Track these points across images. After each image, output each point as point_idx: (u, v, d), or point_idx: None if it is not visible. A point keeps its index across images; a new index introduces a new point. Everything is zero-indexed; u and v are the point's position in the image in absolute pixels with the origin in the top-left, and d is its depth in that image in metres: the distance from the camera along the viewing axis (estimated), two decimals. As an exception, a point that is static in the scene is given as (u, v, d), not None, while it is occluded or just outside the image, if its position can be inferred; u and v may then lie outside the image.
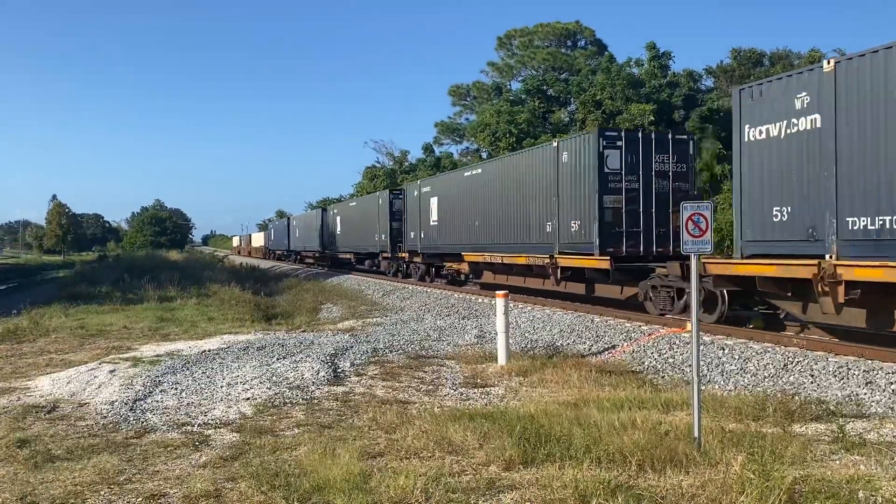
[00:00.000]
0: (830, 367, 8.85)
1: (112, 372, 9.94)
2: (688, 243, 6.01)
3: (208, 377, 9.48)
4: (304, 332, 14.59)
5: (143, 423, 7.35)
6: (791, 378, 8.83)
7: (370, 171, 65.30)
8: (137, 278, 27.10)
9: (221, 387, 8.93)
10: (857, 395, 7.93)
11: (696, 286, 6.12)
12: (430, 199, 25.49)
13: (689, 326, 10.93)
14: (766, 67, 41.96)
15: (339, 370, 10.05)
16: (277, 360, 10.67)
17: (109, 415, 7.68)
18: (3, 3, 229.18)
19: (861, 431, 6.49)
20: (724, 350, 10.26)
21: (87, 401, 8.45)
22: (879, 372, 8.37)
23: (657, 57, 44.14)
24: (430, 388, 9.09)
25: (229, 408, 7.92)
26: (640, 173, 15.47)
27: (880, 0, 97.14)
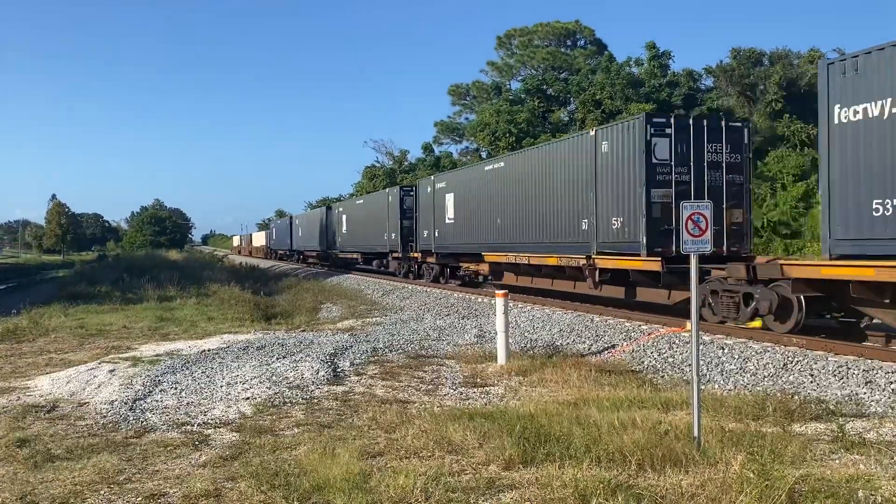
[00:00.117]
0: (830, 366, 8.85)
1: (112, 371, 9.94)
2: (687, 243, 6.02)
3: (208, 377, 9.48)
4: (304, 331, 14.59)
5: (142, 422, 7.35)
6: (791, 377, 8.83)
7: (370, 171, 65.41)
8: (137, 278, 27.13)
9: (221, 386, 8.93)
10: (856, 394, 7.94)
11: (696, 286, 6.12)
12: (446, 195, 23.91)
13: (688, 326, 10.92)
14: (766, 67, 41.94)
15: (338, 370, 10.05)
16: (277, 359, 10.67)
17: (109, 414, 7.68)
18: (3, 3, 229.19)
19: (861, 431, 6.50)
20: (723, 350, 10.27)
21: (87, 400, 8.45)
22: (879, 371, 8.38)
23: (657, 56, 44.23)
24: (430, 387, 9.09)
25: (229, 407, 7.92)
26: (692, 164, 13.94)
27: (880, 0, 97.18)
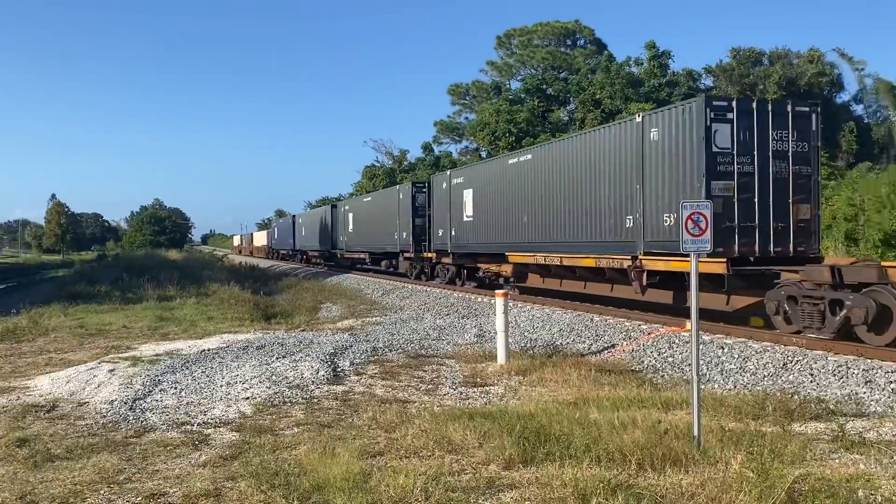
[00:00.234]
0: (830, 366, 8.85)
1: (111, 371, 9.94)
2: (687, 242, 6.01)
3: (208, 376, 9.48)
4: (304, 331, 14.58)
5: (142, 422, 7.35)
6: (790, 377, 8.83)
7: (369, 171, 65.47)
8: (136, 277, 27.11)
9: (221, 386, 8.93)
10: (856, 393, 7.93)
11: (696, 285, 6.12)
12: (464, 191, 22.27)
13: (688, 325, 10.92)
14: (766, 67, 41.97)
15: (338, 369, 10.05)
16: (277, 359, 10.67)
17: (109, 414, 7.68)
18: (4, 3, 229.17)
19: (860, 430, 6.50)
20: (723, 349, 10.26)
21: (87, 400, 8.45)
22: (879, 371, 8.37)
23: (657, 56, 44.27)
24: (430, 387, 9.09)
25: (229, 407, 7.92)
26: (755, 153, 12.31)
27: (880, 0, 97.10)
